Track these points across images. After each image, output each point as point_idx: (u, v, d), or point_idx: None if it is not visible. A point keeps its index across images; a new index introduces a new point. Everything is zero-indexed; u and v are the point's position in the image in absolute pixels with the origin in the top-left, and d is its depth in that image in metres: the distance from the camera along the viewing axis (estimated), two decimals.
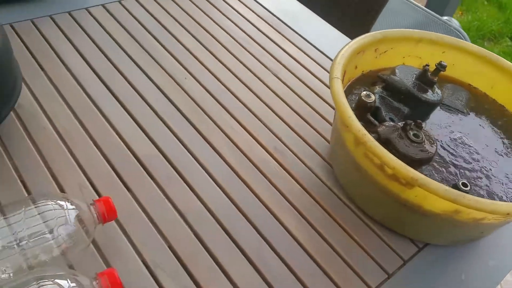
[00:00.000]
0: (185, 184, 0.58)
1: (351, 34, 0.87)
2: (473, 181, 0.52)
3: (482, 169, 0.54)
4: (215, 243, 0.52)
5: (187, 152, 0.62)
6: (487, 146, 0.58)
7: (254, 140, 0.66)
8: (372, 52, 0.63)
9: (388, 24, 1.53)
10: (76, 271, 0.42)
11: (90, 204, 0.46)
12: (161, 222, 0.53)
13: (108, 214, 0.46)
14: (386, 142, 0.49)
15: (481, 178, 0.53)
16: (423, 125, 0.51)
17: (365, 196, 0.56)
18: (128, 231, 0.51)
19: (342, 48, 0.58)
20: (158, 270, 0.48)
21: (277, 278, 0.50)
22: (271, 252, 0.53)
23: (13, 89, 0.53)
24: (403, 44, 0.66)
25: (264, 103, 0.72)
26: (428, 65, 0.58)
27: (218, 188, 0.58)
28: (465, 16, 2.87)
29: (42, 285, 0.38)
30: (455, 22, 2.03)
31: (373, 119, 0.53)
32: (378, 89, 0.57)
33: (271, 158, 0.64)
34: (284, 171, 0.62)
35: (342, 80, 0.54)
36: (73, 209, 0.44)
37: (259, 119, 0.69)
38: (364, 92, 0.53)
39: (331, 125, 0.70)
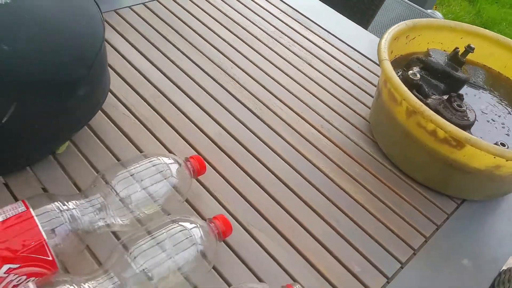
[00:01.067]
0: (254, 158, 0.66)
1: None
2: (505, 142, 0.62)
3: (509, 132, 0.65)
4: (291, 205, 0.60)
5: (247, 130, 0.69)
6: (509, 114, 0.68)
7: (302, 119, 0.74)
8: (404, 38, 0.73)
9: (376, 17, 1.63)
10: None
11: (185, 160, 0.54)
12: (244, 190, 0.61)
13: (200, 168, 0.54)
14: (435, 112, 0.58)
15: (509, 139, 0.64)
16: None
17: (411, 161, 0.65)
18: (218, 197, 0.59)
19: (384, 35, 0.67)
20: (251, 227, 0.56)
21: (347, 231, 0.59)
22: (338, 211, 0.61)
23: (108, 82, 0.59)
24: (427, 32, 0.75)
25: (303, 87, 0.80)
26: (458, 48, 0.68)
27: (281, 160, 0.66)
28: (439, 10, 3.03)
29: (172, 228, 0.45)
30: (438, 15, 2.17)
31: (418, 94, 0.62)
32: (416, 69, 0.66)
33: (320, 134, 0.72)
34: (333, 145, 0.71)
35: None
36: (174, 162, 0.52)
37: (302, 101, 0.77)
38: (410, 71, 0.62)
39: (364, 104, 0.79)
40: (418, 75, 0.63)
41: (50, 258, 0.42)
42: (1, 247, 0.40)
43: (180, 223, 0.45)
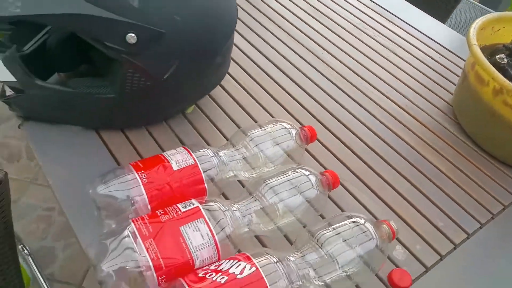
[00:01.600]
0: (344, 127, 0.74)
1: None
2: None
3: None
4: (379, 167, 0.69)
5: (338, 104, 0.78)
6: None
7: (387, 99, 0.82)
8: (489, 29, 0.78)
9: (449, 19, 1.65)
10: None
11: (300, 128, 0.63)
12: (338, 153, 0.70)
13: (311, 137, 0.63)
14: None
15: None
16: None
17: (495, 139, 0.71)
18: (318, 159, 0.68)
19: (472, 24, 0.73)
20: (346, 182, 0.65)
21: (430, 192, 0.67)
22: (421, 175, 0.69)
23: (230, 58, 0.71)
24: None
25: (387, 71, 0.88)
26: None
27: (369, 130, 0.75)
28: None
29: (295, 172, 0.55)
30: None
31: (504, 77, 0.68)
32: (501, 56, 0.72)
33: (405, 112, 0.80)
34: (418, 122, 0.78)
35: None
36: (293, 128, 0.62)
37: (387, 83, 0.85)
38: (498, 56, 0.69)
39: (446, 89, 0.86)
40: (506, 60, 0.69)
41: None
42: (179, 188, 0.52)
43: (300, 169, 0.55)
